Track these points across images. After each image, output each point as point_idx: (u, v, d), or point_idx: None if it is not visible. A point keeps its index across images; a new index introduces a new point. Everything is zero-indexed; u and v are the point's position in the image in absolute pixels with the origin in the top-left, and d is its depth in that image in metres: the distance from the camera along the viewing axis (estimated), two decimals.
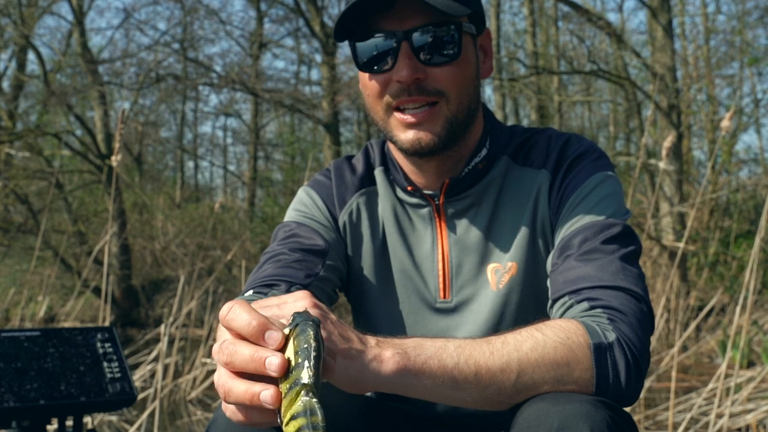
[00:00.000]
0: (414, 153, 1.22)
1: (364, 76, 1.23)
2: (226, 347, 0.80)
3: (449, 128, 1.20)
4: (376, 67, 1.20)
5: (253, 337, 0.79)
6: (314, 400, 0.74)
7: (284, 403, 0.75)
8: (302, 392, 0.73)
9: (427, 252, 1.30)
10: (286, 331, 0.79)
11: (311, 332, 0.76)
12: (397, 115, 1.20)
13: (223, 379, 0.81)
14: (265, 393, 0.77)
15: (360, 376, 0.89)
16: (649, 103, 11.39)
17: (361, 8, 1.15)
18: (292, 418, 0.74)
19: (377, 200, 1.35)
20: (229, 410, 0.83)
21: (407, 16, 1.17)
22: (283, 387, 0.76)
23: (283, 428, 0.75)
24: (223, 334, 0.84)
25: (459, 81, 1.20)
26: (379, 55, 1.19)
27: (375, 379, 0.90)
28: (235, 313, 0.80)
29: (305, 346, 0.75)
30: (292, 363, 0.76)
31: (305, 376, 0.74)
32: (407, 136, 1.20)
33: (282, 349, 0.78)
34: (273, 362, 0.76)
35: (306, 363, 0.74)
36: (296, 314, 0.80)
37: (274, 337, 0.78)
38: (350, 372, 0.88)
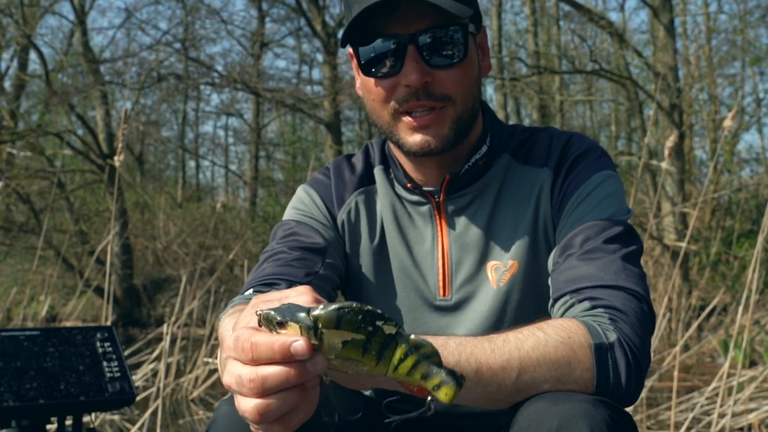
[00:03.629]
0: (423, 155, 1.21)
1: (368, 81, 1.21)
2: (244, 342, 0.76)
3: (456, 129, 1.20)
4: (381, 72, 1.18)
5: (284, 358, 0.74)
6: (412, 336, 0.74)
7: (388, 367, 0.75)
8: (398, 341, 0.74)
9: (427, 249, 1.29)
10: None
11: (354, 305, 0.73)
12: (405, 119, 1.19)
13: (246, 371, 0.76)
14: (297, 343, 0.73)
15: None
16: (651, 103, 11.37)
17: (366, 12, 1.13)
18: (400, 361, 0.74)
19: (376, 199, 1.34)
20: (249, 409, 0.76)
21: (412, 18, 1.15)
22: (371, 362, 0.75)
23: (392, 375, 0.76)
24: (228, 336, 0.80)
25: (465, 83, 1.19)
26: (385, 59, 1.17)
27: (376, 376, 0.90)
28: (249, 342, 0.75)
29: (360, 316, 0.73)
30: (355, 339, 0.73)
31: (388, 329, 0.74)
32: (415, 139, 1.19)
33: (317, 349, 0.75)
34: (299, 346, 0.73)
35: (379, 322, 0.73)
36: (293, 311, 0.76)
37: (300, 345, 0.74)
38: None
